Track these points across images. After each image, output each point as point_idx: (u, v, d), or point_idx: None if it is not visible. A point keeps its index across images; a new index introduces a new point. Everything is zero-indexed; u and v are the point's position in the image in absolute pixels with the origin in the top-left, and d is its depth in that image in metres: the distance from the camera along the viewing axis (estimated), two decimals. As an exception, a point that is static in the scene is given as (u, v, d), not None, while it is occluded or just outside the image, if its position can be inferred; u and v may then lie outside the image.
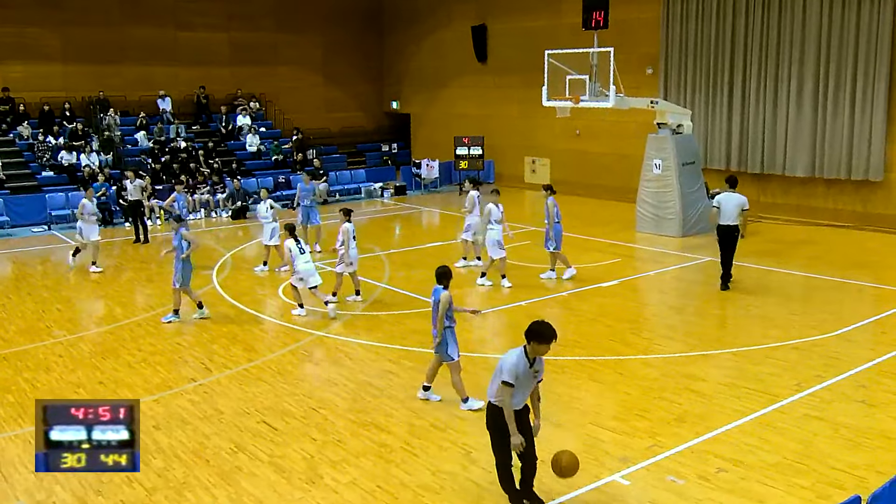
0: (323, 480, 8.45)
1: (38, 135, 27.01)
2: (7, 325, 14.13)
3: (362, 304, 15.05)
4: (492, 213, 15.64)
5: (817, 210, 22.18)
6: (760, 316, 14.02)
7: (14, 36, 27.43)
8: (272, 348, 12.68)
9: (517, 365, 7.30)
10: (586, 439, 9.28)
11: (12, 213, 23.57)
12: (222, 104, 31.31)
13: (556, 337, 7.30)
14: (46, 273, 18.38)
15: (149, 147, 27.93)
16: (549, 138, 28.95)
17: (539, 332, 7.26)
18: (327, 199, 27.93)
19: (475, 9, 31.05)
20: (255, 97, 32.42)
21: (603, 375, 11.35)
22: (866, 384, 10.78)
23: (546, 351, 7.34)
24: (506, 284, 15.80)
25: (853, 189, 21.65)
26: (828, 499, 7.75)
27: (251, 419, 10.05)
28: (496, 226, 15.68)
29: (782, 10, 22.26)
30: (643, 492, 8.06)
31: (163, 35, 30.17)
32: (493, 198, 15.96)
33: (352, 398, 10.67)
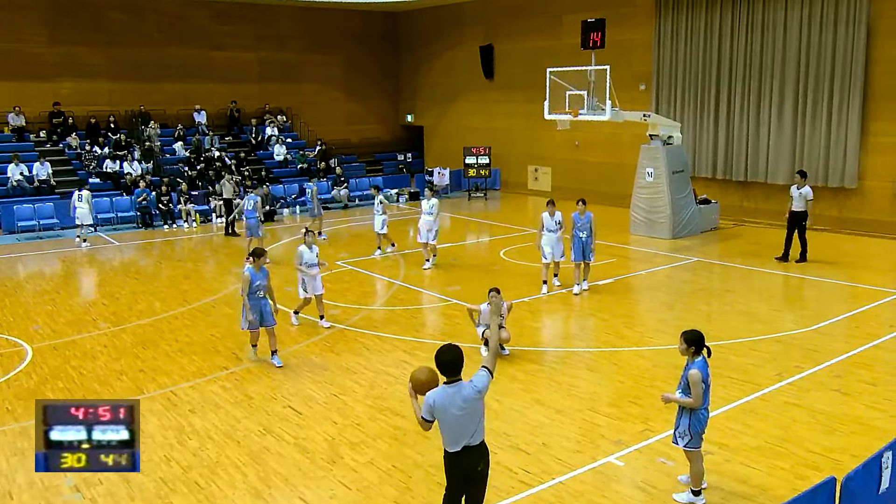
0: (343, 460, 8.46)
1: (86, 145, 27.16)
2: (56, 318, 14.19)
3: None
4: (544, 222, 14.88)
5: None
6: (744, 311, 13.96)
7: (65, 56, 27.59)
8: (297, 339, 12.69)
9: (429, 400, 5.91)
10: (584, 424, 9.27)
11: (61, 216, 23.64)
12: (252, 117, 31.41)
13: (449, 362, 5.93)
14: (92, 271, 18.44)
15: (185, 156, 28.01)
16: (551, 148, 28.90)
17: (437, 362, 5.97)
18: (348, 203, 27.99)
19: (483, 30, 31.03)
20: (282, 111, 32.49)
21: (599, 365, 11.32)
22: (841, 374, 10.73)
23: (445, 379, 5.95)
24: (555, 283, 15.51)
25: (830, 195, 21.54)
26: (805, 479, 7.71)
27: (278, 404, 10.07)
28: (547, 233, 14.94)
29: (765, 32, 22.18)
30: (636, 472, 8.03)
31: (198, 55, 30.27)
32: (548, 208, 15.03)
33: (369, 385, 10.67)
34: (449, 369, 5.90)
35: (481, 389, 5.93)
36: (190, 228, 23.78)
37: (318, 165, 29.84)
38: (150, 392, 10.51)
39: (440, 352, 5.94)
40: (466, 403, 5.86)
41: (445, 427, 5.91)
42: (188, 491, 7.84)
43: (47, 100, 27.29)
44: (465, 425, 5.89)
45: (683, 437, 7.22)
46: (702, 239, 20.76)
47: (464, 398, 5.86)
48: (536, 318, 13.89)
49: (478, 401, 5.93)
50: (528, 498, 7.57)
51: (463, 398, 5.86)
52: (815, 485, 5.62)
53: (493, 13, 30.55)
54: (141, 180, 24.79)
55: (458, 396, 5.85)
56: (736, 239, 20.80)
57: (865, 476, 5.84)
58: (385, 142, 35.90)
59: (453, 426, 5.88)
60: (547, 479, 7.88)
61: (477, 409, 5.94)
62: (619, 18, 24.21)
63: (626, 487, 7.75)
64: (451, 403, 5.84)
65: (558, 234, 14.95)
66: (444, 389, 5.89)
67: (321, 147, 30.91)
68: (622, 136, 24.89)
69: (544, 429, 9.16)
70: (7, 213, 23.14)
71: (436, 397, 5.87)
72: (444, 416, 5.87)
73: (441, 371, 5.93)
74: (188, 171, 26.84)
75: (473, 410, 5.91)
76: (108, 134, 27.76)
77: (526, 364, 11.33)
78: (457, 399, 5.84)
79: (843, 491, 5.57)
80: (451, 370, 5.90)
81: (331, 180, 28.79)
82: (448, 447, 5.96)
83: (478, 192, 29.94)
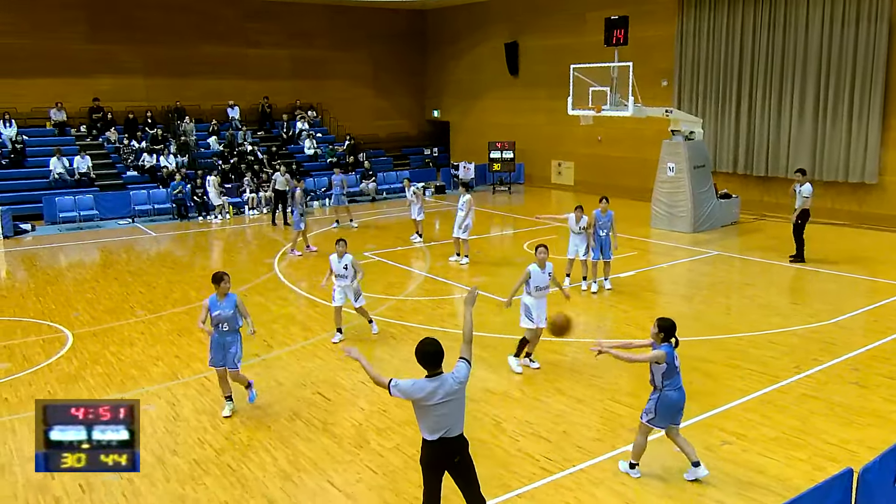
0: (370, 445, 8.51)
1: (124, 139, 27.47)
2: (96, 305, 14.38)
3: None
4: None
5: (817, 209, 21.60)
6: (763, 305, 13.82)
7: (103, 54, 27.88)
8: (326, 328, 12.74)
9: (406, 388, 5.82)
10: (604, 413, 9.24)
11: (101, 208, 24.00)
12: (283, 112, 31.55)
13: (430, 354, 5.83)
14: (130, 260, 18.65)
15: (219, 150, 28.21)
16: (574, 144, 28.75)
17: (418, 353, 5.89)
18: (375, 196, 28.05)
19: (508, 28, 30.90)
20: (312, 106, 32.59)
21: (619, 356, 11.26)
22: (859, 368, 10.60)
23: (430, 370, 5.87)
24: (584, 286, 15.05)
25: (850, 190, 21.24)
26: (822, 470, 7.63)
27: (307, 390, 10.14)
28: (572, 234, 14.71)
29: (786, 29, 21.88)
30: (655, 460, 7.99)
31: (232, 52, 30.45)
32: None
33: (395, 372, 10.60)
34: (430, 362, 5.84)
35: (462, 381, 5.91)
36: (224, 220, 24.00)
37: (347, 159, 29.95)
38: (185, 377, 10.64)
39: (423, 344, 5.86)
40: (449, 396, 5.81)
41: (424, 417, 5.86)
42: (220, 473, 7.93)
43: (87, 96, 27.60)
44: (446, 417, 5.83)
45: (648, 414, 7.48)
46: (722, 233, 20.56)
47: (446, 392, 5.80)
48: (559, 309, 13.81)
49: (460, 392, 5.89)
50: (549, 484, 7.57)
51: (445, 392, 5.80)
52: (833, 476, 5.56)
53: (519, 11, 30.41)
54: (177, 173, 25.01)
55: (440, 389, 5.79)
56: (756, 233, 20.59)
57: (882, 468, 5.77)
58: (412, 137, 35.91)
59: (434, 417, 5.82)
60: (567, 467, 7.87)
61: (459, 401, 5.91)
62: (641, 16, 24.00)
63: (644, 475, 7.72)
64: (432, 396, 5.78)
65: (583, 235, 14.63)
66: (425, 382, 5.82)
67: (350, 142, 31.01)
68: (644, 131, 24.69)
69: (565, 417, 9.15)
70: (49, 204, 23.48)
71: (414, 389, 5.81)
72: (423, 407, 5.81)
73: (423, 364, 5.86)
74: (221, 165, 27.04)
75: (456, 402, 5.87)
76: (146, 129, 28.05)
77: (548, 354, 11.30)
78: (439, 392, 5.78)
79: (860, 482, 5.50)
80: (433, 363, 5.84)
81: (359, 174, 28.93)
82: (425, 435, 5.92)
83: (502, 186, 29.87)
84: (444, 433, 5.85)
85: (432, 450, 5.91)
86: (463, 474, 6.06)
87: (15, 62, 26.16)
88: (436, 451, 5.91)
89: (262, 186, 25.83)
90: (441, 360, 5.87)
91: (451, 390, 5.84)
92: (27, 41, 26.38)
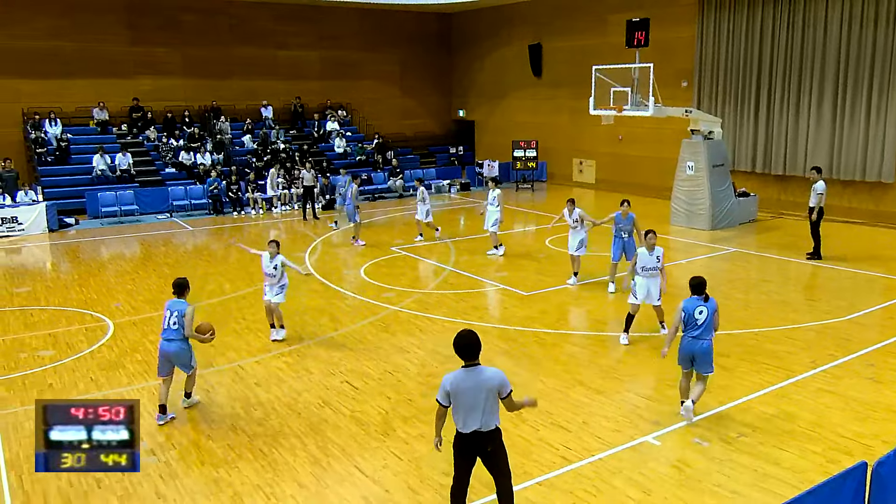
0: (396, 433, 8.55)
1: (162, 137, 27.75)
2: (136, 296, 14.57)
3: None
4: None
5: (834, 208, 21.42)
6: (780, 301, 13.68)
7: (144, 55, 28.20)
8: (354, 320, 12.82)
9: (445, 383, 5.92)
10: (623, 404, 9.21)
11: (140, 203, 24.29)
12: (315, 112, 31.67)
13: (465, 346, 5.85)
14: (168, 253, 18.84)
15: (253, 148, 28.40)
16: (595, 143, 28.58)
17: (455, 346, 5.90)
18: (402, 193, 28.12)
19: (532, 30, 30.77)
20: (342, 106, 32.69)
21: (639, 350, 11.21)
22: (875, 363, 10.46)
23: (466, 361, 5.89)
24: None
25: (867, 189, 20.92)
26: (837, 463, 7.55)
27: (336, 379, 10.20)
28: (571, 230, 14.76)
29: (805, 29, 21.57)
30: (672, 451, 7.96)
31: (265, 54, 30.63)
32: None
33: (421, 363, 10.75)
34: (467, 352, 5.84)
35: (497, 384, 5.86)
36: (257, 215, 24.21)
37: (376, 157, 30.04)
38: (220, 366, 10.75)
39: (459, 336, 5.87)
40: (483, 384, 5.81)
41: (459, 408, 5.86)
42: (253, 457, 8.01)
43: (128, 96, 27.91)
44: (479, 406, 5.80)
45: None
46: (740, 230, 20.35)
47: (483, 379, 5.82)
48: (579, 303, 13.81)
49: (492, 390, 5.83)
50: (568, 473, 7.57)
51: (482, 379, 5.81)
52: (847, 469, 5.51)
53: (542, 13, 30.26)
54: (212, 170, 25.22)
55: (477, 376, 5.81)
56: (773, 231, 20.36)
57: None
58: (438, 135, 35.89)
59: (467, 407, 5.82)
60: (587, 456, 7.86)
61: (491, 393, 5.83)
62: (662, 18, 23.79)
63: (661, 465, 7.69)
64: (467, 383, 5.80)
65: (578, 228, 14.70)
66: (462, 372, 5.85)
67: (378, 140, 31.08)
68: (664, 131, 24.48)
69: (585, 408, 9.13)
70: (92, 199, 23.81)
71: (452, 379, 5.84)
72: (459, 397, 5.83)
73: (460, 355, 5.87)
74: (255, 162, 27.23)
75: (489, 393, 5.81)
76: (183, 127, 28.31)
77: (569, 346, 11.28)
78: (475, 378, 5.80)
79: (873, 476, 5.45)
80: (470, 353, 5.84)
81: (387, 171, 29.04)
82: (459, 428, 5.92)
83: (525, 184, 29.79)
84: (477, 427, 5.86)
85: (465, 443, 5.96)
86: (494, 464, 6.08)
87: (60, 64, 26.56)
88: (469, 444, 5.96)
89: (293, 183, 25.97)
90: (477, 352, 5.86)
91: (488, 379, 5.83)
92: (72, 44, 26.74)
